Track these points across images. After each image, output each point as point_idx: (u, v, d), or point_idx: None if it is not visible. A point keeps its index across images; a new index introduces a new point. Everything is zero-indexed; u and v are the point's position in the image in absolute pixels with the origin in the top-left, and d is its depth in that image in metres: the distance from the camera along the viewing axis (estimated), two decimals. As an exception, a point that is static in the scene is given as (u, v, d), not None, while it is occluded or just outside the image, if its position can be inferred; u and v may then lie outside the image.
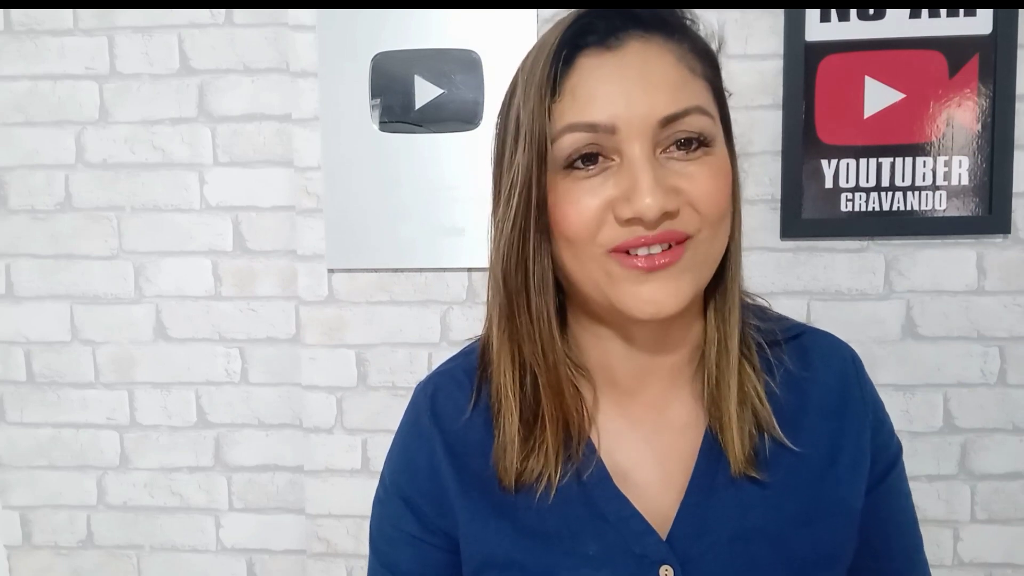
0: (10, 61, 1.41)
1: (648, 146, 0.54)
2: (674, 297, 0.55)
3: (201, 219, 1.42)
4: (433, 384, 0.69)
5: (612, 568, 0.59)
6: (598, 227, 0.55)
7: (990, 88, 1.24)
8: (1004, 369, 1.30)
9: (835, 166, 1.27)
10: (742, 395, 0.61)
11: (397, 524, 0.67)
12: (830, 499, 0.62)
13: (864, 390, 0.67)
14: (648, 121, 0.53)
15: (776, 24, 1.26)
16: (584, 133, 0.54)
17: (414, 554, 0.67)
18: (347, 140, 1.32)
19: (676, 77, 0.55)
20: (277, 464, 1.46)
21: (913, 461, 1.31)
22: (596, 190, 0.55)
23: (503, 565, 0.62)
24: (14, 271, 1.45)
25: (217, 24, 1.38)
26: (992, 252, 1.28)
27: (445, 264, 1.33)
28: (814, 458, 0.62)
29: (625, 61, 0.55)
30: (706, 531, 0.60)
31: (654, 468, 0.63)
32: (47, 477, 1.49)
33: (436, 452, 0.65)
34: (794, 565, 0.60)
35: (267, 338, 1.43)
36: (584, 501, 0.61)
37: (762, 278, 1.30)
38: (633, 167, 0.54)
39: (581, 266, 0.57)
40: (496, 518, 0.62)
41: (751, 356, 0.63)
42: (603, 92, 0.54)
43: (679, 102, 0.54)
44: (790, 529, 0.60)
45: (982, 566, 1.32)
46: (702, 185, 0.55)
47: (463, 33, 1.29)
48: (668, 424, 0.64)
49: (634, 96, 0.54)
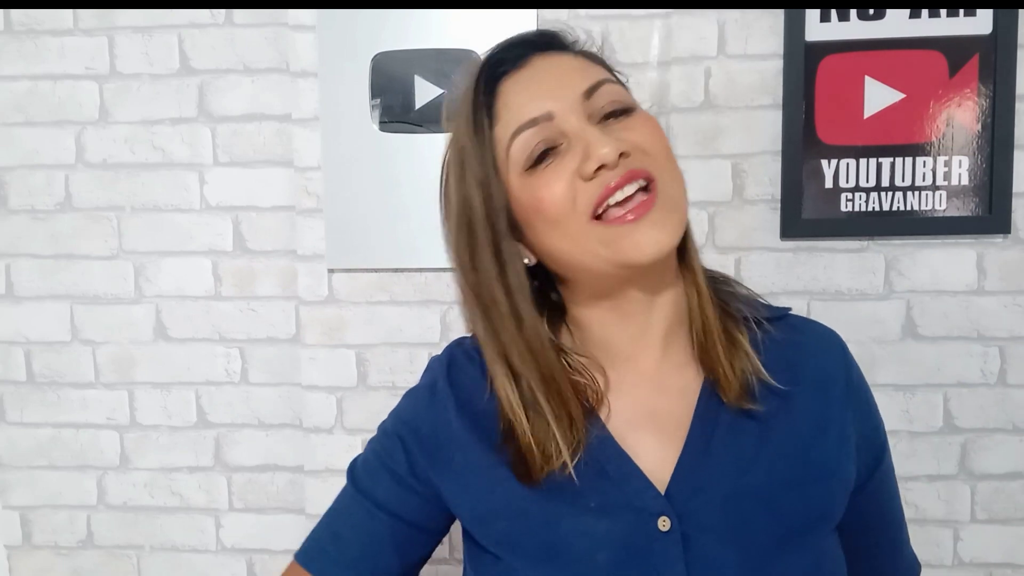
0: (10, 61, 1.41)
1: (583, 116, 0.62)
2: (667, 232, 0.61)
3: (201, 219, 1.42)
4: (448, 354, 0.75)
5: (612, 519, 0.63)
6: (572, 196, 0.61)
7: (990, 88, 1.24)
8: (1004, 369, 1.30)
9: (835, 166, 1.27)
10: (732, 345, 0.67)
11: (386, 458, 0.73)
12: (821, 463, 0.66)
13: (850, 369, 0.71)
14: (574, 98, 0.62)
15: (776, 24, 1.26)
16: (529, 129, 0.62)
17: (391, 488, 0.72)
18: (347, 140, 1.32)
19: (579, 65, 0.65)
20: (277, 464, 1.46)
21: (913, 461, 1.31)
22: (559, 170, 0.62)
23: (510, 515, 0.66)
24: (14, 271, 1.45)
25: (217, 24, 1.38)
26: (992, 252, 1.28)
27: (445, 264, 1.31)
28: (805, 421, 0.67)
29: (535, 70, 0.65)
30: (702, 488, 0.64)
31: (653, 429, 0.67)
32: (47, 477, 1.49)
33: (448, 409, 0.70)
34: (785, 525, 0.64)
35: (267, 338, 1.43)
36: (588, 461, 0.65)
37: (762, 278, 1.30)
38: (580, 134, 0.62)
39: (574, 242, 0.63)
40: (506, 471, 0.66)
41: (737, 321, 0.69)
42: (529, 94, 0.64)
43: (591, 78, 0.64)
44: (783, 490, 0.64)
45: (982, 566, 1.32)
46: (641, 130, 0.63)
47: (463, 33, 1.29)
48: (666, 388, 0.69)
49: (553, 87, 0.63)
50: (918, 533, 1.33)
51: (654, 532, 0.62)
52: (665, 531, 0.62)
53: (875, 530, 0.74)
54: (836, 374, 0.70)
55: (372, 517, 0.72)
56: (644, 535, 0.62)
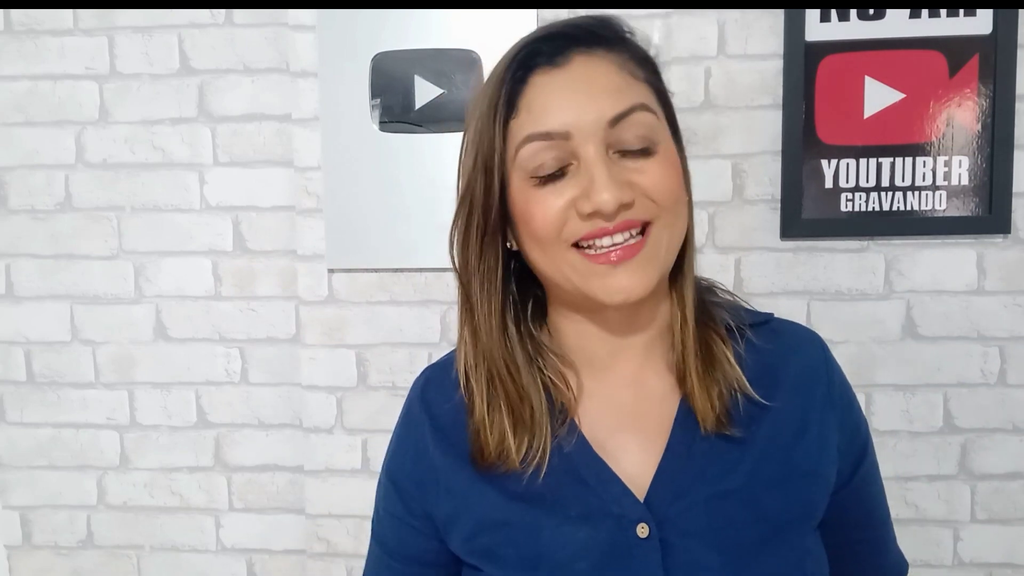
0: (10, 61, 1.41)
1: (601, 147, 0.59)
2: (641, 284, 0.60)
3: (201, 219, 1.42)
4: (425, 376, 0.76)
5: (592, 526, 0.63)
6: (563, 224, 0.60)
7: (990, 88, 1.24)
8: (1004, 369, 1.30)
9: (835, 166, 1.27)
10: (711, 358, 0.66)
11: (387, 506, 0.74)
12: (802, 464, 0.66)
13: (831, 370, 0.71)
14: (598, 124, 0.59)
15: (776, 24, 1.26)
16: (542, 141, 0.60)
17: (397, 532, 0.73)
18: (347, 140, 1.32)
19: (619, 81, 0.61)
20: (277, 464, 1.46)
21: (913, 461, 1.31)
22: (560, 191, 0.60)
23: (493, 526, 0.66)
24: (14, 271, 1.45)
25: (217, 24, 1.38)
26: (992, 252, 1.28)
27: (445, 264, 1.31)
28: (786, 424, 0.67)
29: (572, 75, 0.61)
30: (683, 492, 0.63)
31: (633, 436, 0.67)
32: (47, 477, 1.49)
33: (424, 435, 0.70)
34: (767, 524, 0.63)
35: (267, 338, 1.43)
36: (566, 469, 0.65)
37: (762, 278, 1.30)
38: (589, 167, 0.59)
39: (551, 261, 0.62)
40: (485, 486, 0.66)
41: (718, 329, 0.68)
42: (555, 103, 0.60)
43: (624, 102, 0.60)
44: (764, 490, 0.64)
45: (982, 566, 1.32)
46: (654, 176, 0.60)
47: (463, 33, 1.29)
48: (645, 395, 0.68)
49: (583, 103, 0.59)
50: (918, 533, 1.34)
51: (633, 539, 0.62)
52: (644, 538, 0.62)
53: (859, 527, 0.74)
54: (817, 375, 0.70)
55: (388, 568, 0.75)
56: (623, 542, 0.62)
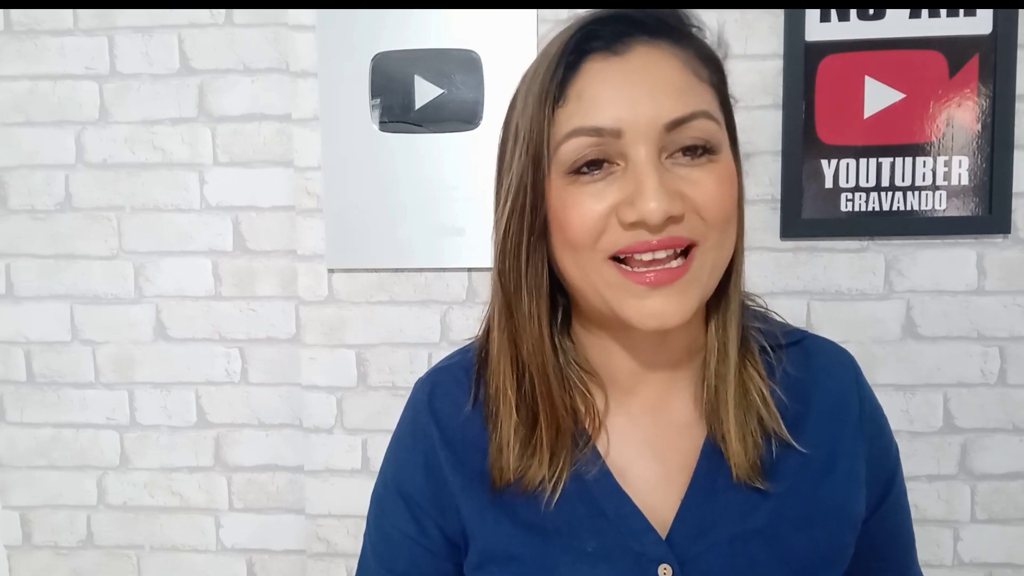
0: (10, 61, 1.41)
1: (654, 150, 0.53)
2: (679, 311, 0.54)
3: (201, 219, 1.42)
4: (431, 381, 0.68)
5: (611, 564, 0.59)
6: (601, 232, 0.54)
7: (990, 88, 1.24)
8: (1004, 369, 1.30)
9: (835, 166, 1.27)
10: (746, 403, 0.61)
11: (396, 524, 0.67)
12: (829, 503, 0.62)
13: (863, 397, 0.67)
14: (654, 125, 0.53)
15: (776, 24, 1.26)
16: (589, 137, 0.53)
17: (409, 556, 0.66)
18: (347, 140, 1.32)
19: (682, 82, 0.54)
20: (277, 464, 1.46)
21: (913, 461, 1.31)
22: (600, 194, 0.54)
23: (503, 559, 0.61)
24: (14, 271, 1.45)
25: (217, 24, 1.38)
26: (992, 252, 1.28)
27: (445, 264, 1.33)
28: (815, 461, 0.62)
29: (631, 66, 0.54)
30: (706, 531, 0.59)
31: (654, 465, 0.62)
32: (47, 477, 1.49)
33: (435, 448, 0.64)
34: (793, 566, 0.60)
35: (267, 338, 1.43)
36: (584, 498, 0.60)
37: (762, 278, 1.30)
38: (638, 171, 0.53)
39: (582, 272, 0.56)
40: (496, 513, 0.61)
41: (755, 362, 0.62)
42: (609, 96, 0.53)
43: (685, 106, 0.53)
44: (790, 531, 0.60)
45: (982, 566, 1.32)
46: (708, 191, 0.54)
47: (463, 33, 1.29)
48: (669, 422, 0.63)
49: (640, 100, 0.53)
50: (918, 533, 1.32)
51: None
52: None
53: (885, 555, 0.70)
54: (848, 404, 0.65)
55: None
56: None
